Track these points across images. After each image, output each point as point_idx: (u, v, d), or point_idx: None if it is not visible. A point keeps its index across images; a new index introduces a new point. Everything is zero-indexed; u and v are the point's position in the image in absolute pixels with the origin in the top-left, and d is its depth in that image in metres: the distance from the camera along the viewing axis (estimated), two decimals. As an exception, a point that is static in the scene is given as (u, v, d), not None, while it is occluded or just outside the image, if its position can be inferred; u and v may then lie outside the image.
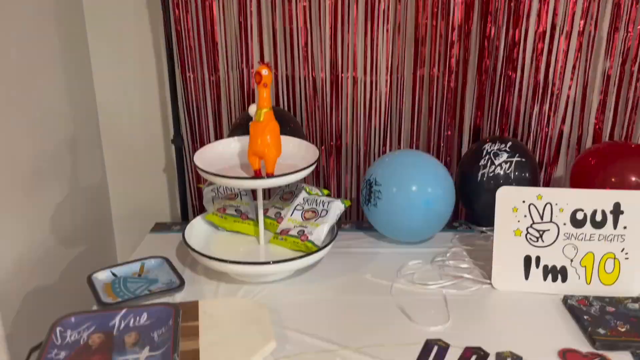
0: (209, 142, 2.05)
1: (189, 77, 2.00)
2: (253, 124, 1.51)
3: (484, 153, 1.87)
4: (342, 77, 2.01)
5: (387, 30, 1.95)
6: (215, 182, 1.59)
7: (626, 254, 1.49)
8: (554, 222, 1.51)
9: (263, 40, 1.99)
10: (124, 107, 2.14)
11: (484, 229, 1.90)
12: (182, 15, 1.94)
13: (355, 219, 2.17)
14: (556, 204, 1.50)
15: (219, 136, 2.08)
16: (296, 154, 1.66)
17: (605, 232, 1.49)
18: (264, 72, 1.47)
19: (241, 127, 1.87)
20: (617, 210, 1.48)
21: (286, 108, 2.06)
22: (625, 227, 1.48)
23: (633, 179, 1.76)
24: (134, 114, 2.14)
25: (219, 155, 1.66)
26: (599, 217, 1.49)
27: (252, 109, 1.55)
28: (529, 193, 1.52)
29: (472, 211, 1.98)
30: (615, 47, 1.93)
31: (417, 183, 1.73)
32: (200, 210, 2.07)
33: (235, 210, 1.76)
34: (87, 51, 2.06)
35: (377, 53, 1.97)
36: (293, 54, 1.99)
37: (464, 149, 2.10)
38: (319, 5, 1.94)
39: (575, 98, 2.01)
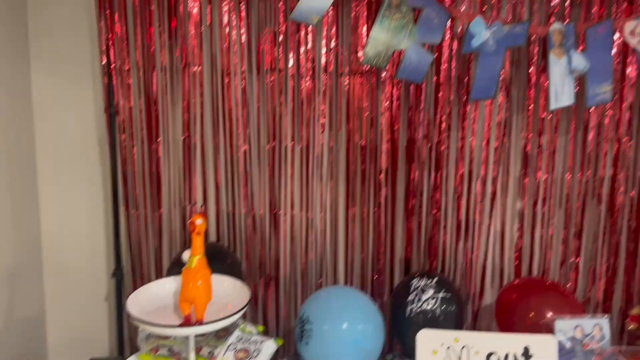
0: (150, 276, 2.11)
1: (133, 213, 2.09)
2: (185, 270, 1.59)
3: (412, 288, 1.98)
4: (280, 214, 2.14)
5: (321, 173, 2.13)
6: (147, 329, 1.63)
7: (538, 395, 1.57)
8: (471, 364, 1.59)
9: (206, 179, 2.13)
10: (68, 239, 2.19)
11: (414, 361, 1.96)
12: (129, 156, 2.07)
13: (293, 353, 2.20)
14: (472, 347, 1.60)
15: (159, 271, 2.13)
16: (230, 294, 1.73)
17: (518, 374, 1.58)
18: (198, 221, 1.58)
19: (180, 263, 1.94)
20: (526, 354, 1.58)
21: (227, 243, 2.15)
22: (535, 369, 1.57)
23: (549, 314, 1.88)
24: (77, 245, 2.19)
25: (155, 296, 1.71)
26: (511, 360, 1.58)
27: (186, 255, 1.63)
28: (447, 337, 1.62)
29: (403, 344, 2.05)
30: (526, 190, 2.14)
31: (347, 321, 1.81)
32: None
33: (168, 350, 1.78)
34: (35, 182, 2.14)
35: (312, 193, 2.13)
36: (234, 193, 2.12)
37: (396, 281, 2.21)
38: (258, 150, 2.10)
39: (494, 234, 2.18)
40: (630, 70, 2.07)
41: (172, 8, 2.01)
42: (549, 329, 1.72)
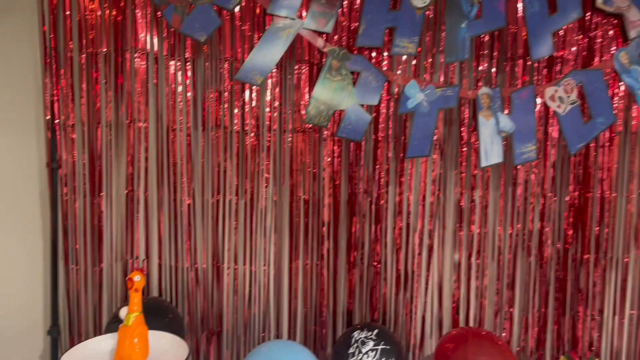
0: (88, 333, 2.06)
1: (72, 268, 2.06)
2: (122, 328, 1.58)
3: (353, 341, 2.02)
4: (223, 268, 2.16)
5: (265, 226, 2.17)
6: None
7: None
8: (406, 417, 1.63)
9: (149, 233, 2.13)
10: (3, 294, 2.12)
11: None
12: (70, 210, 2.06)
13: (235, 408, 2.19)
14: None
15: (97, 327, 2.09)
16: (169, 350, 1.72)
17: None
18: (136, 278, 1.58)
19: (119, 319, 1.92)
20: (459, 405, 1.63)
21: (168, 298, 2.14)
22: (468, 421, 1.62)
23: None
24: (13, 301, 2.13)
25: (91, 354, 1.68)
26: (444, 412, 1.63)
27: (123, 312, 1.62)
28: (383, 389, 1.65)
29: (345, 398, 2.06)
30: (461, 242, 2.25)
31: (287, 375, 1.82)
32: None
33: (103, 412, 1.73)
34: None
35: (255, 246, 2.17)
36: (177, 247, 2.13)
37: (339, 332, 2.24)
38: (202, 203, 2.14)
39: (433, 286, 2.26)
40: (552, 131, 2.24)
41: (118, 65, 2.05)
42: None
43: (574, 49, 2.21)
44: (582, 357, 2.22)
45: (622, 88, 2.23)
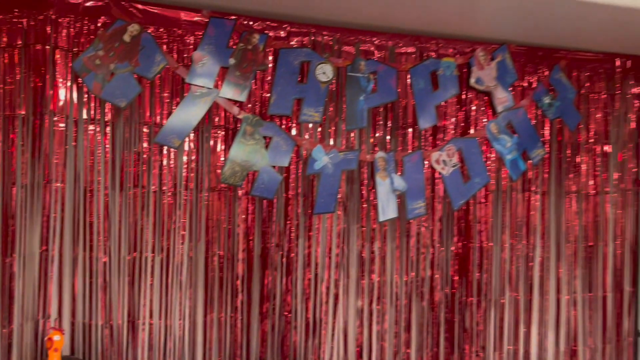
0: (-7, 397, 2.00)
1: (-21, 331, 2.02)
2: (40, 390, 1.60)
3: (266, 388, 2.14)
4: (138, 324, 2.21)
5: (181, 281, 2.26)
6: None
7: None
8: None
9: (62, 291, 2.14)
10: None
11: None
12: (-21, 271, 2.03)
13: None
14: None
15: (5, 390, 2.04)
16: (85, 410, 1.74)
17: None
18: (56, 337, 1.63)
19: (30, 381, 1.90)
20: None
21: (81, 355, 2.14)
22: None
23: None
24: None
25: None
26: None
27: (41, 373, 1.64)
28: None
29: None
30: (363, 290, 2.48)
31: None
32: None
33: None
34: None
35: (171, 301, 2.24)
36: (92, 304, 2.15)
37: (253, 382, 2.35)
38: (118, 261, 2.19)
39: (338, 331, 2.45)
40: (438, 190, 2.58)
41: (37, 127, 2.10)
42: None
43: (453, 119, 2.59)
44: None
45: (493, 153, 2.64)
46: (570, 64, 2.74)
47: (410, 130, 2.53)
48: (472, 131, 2.61)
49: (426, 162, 2.54)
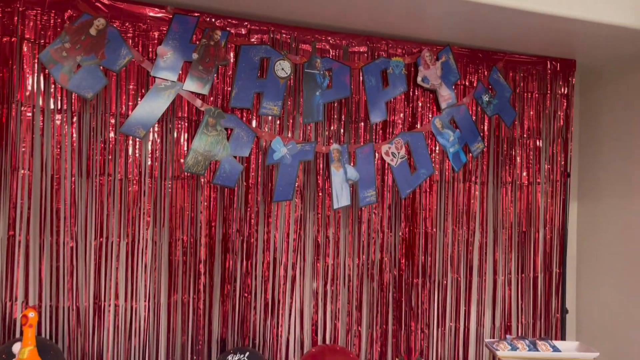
0: (-39, 377, 2.06)
1: (-54, 314, 2.07)
2: (16, 363, 1.70)
3: (228, 364, 2.29)
4: (104, 306, 2.30)
5: (146, 265, 2.38)
6: None
7: None
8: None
9: (29, 274, 2.21)
10: None
11: None
12: (-54, 256, 2.08)
13: None
14: (277, 405, 1.95)
15: (-27, 371, 2.10)
16: (56, 384, 1.84)
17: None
18: (30, 314, 1.72)
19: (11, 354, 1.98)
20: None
21: (48, 336, 2.23)
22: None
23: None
24: None
25: (-25, 394, 1.75)
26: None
27: (16, 348, 1.74)
28: (257, 398, 1.95)
29: (220, 416, 2.31)
30: (318, 273, 2.66)
31: (170, 398, 2.03)
32: None
33: None
34: None
35: (136, 283, 2.35)
36: (58, 287, 2.24)
37: (214, 358, 2.49)
38: (85, 246, 2.28)
39: (295, 311, 2.63)
40: (387, 180, 2.79)
41: (4, 116, 2.16)
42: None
43: (402, 115, 2.80)
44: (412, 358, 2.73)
45: (438, 147, 2.87)
46: (507, 65, 3.00)
47: (362, 124, 2.73)
48: (418, 126, 2.83)
49: (377, 154, 2.74)
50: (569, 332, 3.23)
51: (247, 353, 2.34)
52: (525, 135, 3.06)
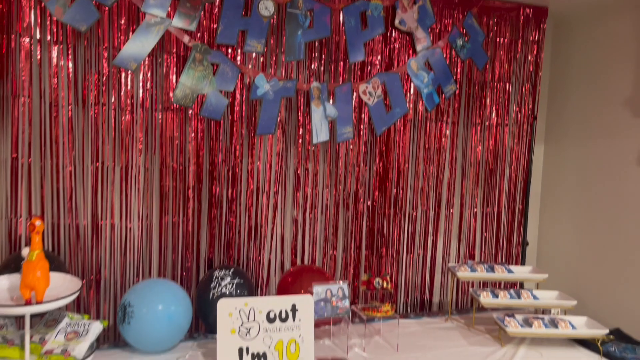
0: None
1: (-42, 226, 2.28)
2: (26, 263, 1.92)
3: (214, 278, 2.54)
4: (101, 224, 2.53)
5: (139, 189, 2.59)
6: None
7: (302, 338, 2.26)
8: (256, 321, 2.22)
9: (31, 194, 2.42)
10: None
11: (216, 336, 2.51)
12: (-45, 174, 2.27)
13: (113, 340, 2.57)
14: (257, 308, 2.22)
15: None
16: (60, 286, 2.08)
17: (288, 324, 2.25)
18: (37, 222, 1.93)
19: (8, 267, 2.21)
20: (294, 309, 2.26)
21: (50, 249, 2.46)
22: (300, 320, 2.26)
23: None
24: None
25: (-10, 291, 1.99)
26: (283, 315, 2.25)
27: (25, 251, 1.96)
28: (239, 302, 2.22)
29: (207, 324, 2.58)
30: (298, 202, 2.90)
31: (162, 303, 2.29)
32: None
33: (2, 338, 2.04)
34: None
35: (130, 205, 2.58)
36: (59, 206, 2.46)
37: (201, 274, 2.75)
38: (82, 170, 2.49)
39: (276, 236, 2.88)
40: (364, 117, 2.99)
41: (4, 46, 2.31)
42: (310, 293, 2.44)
43: (379, 56, 2.98)
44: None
45: (412, 87, 3.06)
46: (481, 10, 3.16)
47: (341, 63, 2.90)
48: (395, 67, 3.01)
49: (354, 93, 2.93)
50: (529, 263, 3.53)
51: (232, 269, 2.59)
52: (496, 79, 3.25)
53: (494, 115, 3.28)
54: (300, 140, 2.88)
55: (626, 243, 2.95)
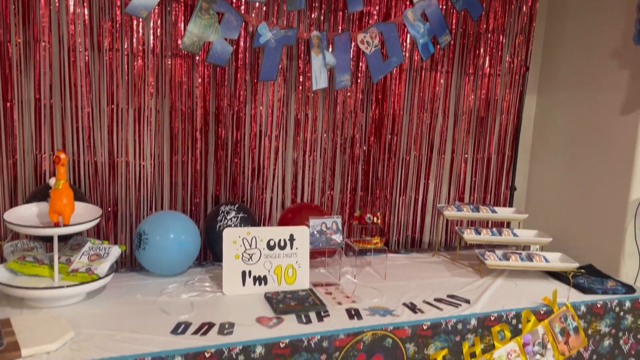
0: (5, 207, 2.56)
1: (-10, 160, 2.53)
2: (53, 191, 2.17)
3: (220, 212, 2.79)
4: (117, 162, 2.77)
5: (151, 130, 2.81)
6: (27, 233, 2.17)
7: (298, 264, 2.52)
8: (257, 248, 2.48)
9: (54, 133, 2.65)
10: None
11: (222, 263, 2.78)
12: (-15, 113, 2.50)
13: (130, 265, 2.86)
14: (258, 237, 2.48)
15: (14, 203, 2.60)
16: (83, 213, 2.34)
17: (286, 252, 2.51)
18: (62, 155, 2.17)
19: (35, 197, 2.46)
20: (291, 238, 2.51)
21: (72, 182, 2.71)
22: (297, 248, 2.52)
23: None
24: None
25: (21, 216, 2.25)
26: (282, 243, 2.50)
27: (52, 181, 2.21)
28: (243, 231, 2.47)
29: (214, 253, 2.85)
30: (298, 145, 3.11)
31: (173, 232, 2.55)
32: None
33: (34, 258, 2.32)
34: None
35: (143, 144, 2.80)
36: (79, 144, 2.69)
37: (209, 210, 3.00)
38: (99, 111, 2.70)
39: (278, 177, 3.11)
40: (361, 66, 3.15)
41: (23, -7, 2.49)
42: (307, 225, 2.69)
43: (377, 7, 3.11)
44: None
45: (409, 38, 3.21)
46: (477, -37, 3.26)
47: (340, 13, 3.04)
48: (392, 17, 3.15)
49: (353, 42, 3.09)
50: (516, 206, 3.75)
51: (237, 205, 2.84)
52: (490, 30, 3.38)
53: (486, 65, 3.43)
54: (300, 87, 3.06)
55: (609, 189, 3.16)
